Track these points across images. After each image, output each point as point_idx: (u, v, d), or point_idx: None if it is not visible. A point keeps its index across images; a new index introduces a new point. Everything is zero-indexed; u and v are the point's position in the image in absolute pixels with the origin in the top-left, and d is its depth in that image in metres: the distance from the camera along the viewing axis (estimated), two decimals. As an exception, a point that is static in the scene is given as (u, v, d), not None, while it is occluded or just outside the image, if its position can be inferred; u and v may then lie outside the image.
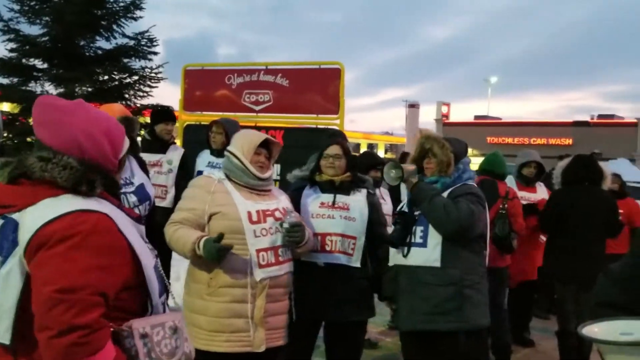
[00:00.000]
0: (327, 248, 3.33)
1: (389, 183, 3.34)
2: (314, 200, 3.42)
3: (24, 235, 1.58)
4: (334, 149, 3.51)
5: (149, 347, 1.64)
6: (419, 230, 3.21)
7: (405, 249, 3.24)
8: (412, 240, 3.22)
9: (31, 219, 1.59)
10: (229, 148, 3.15)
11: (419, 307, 3.17)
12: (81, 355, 1.50)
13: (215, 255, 2.77)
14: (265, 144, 3.12)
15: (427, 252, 3.16)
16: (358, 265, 3.38)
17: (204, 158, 5.34)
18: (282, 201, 3.18)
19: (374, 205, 3.51)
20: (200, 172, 5.10)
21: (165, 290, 1.85)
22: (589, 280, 2.13)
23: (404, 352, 3.45)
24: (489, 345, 4.89)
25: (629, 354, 1.33)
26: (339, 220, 3.37)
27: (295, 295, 3.18)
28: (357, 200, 3.45)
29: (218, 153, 5.17)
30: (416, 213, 3.27)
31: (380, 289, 3.53)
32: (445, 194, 3.21)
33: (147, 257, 1.75)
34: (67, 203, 1.61)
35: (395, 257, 3.31)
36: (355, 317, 3.46)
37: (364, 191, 3.51)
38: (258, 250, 2.94)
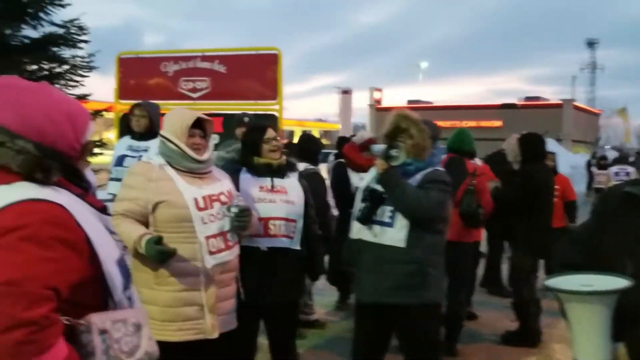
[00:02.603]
0: (271, 232, 3.33)
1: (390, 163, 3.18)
2: (253, 185, 3.38)
3: None
4: (272, 133, 3.46)
5: (107, 344, 1.54)
6: (387, 210, 3.22)
7: (373, 226, 3.25)
8: (380, 219, 3.23)
9: None
10: (161, 132, 3.02)
11: (383, 282, 3.21)
12: (29, 354, 1.38)
13: (157, 258, 2.73)
14: (197, 124, 2.98)
15: (393, 232, 3.19)
16: (299, 247, 3.42)
17: (124, 142, 4.98)
18: (225, 184, 3.10)
19: (306, 188, 3.56)
20: (120, 157, 4.86)
21: (129, 283, 1.75)
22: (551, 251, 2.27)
23: (358, 323, 3.48)
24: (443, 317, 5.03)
25: (589, 302, 1.51)
26: (280, 204, 3.37)
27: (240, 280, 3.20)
28: (293, 184, 3.47)
29: (140, 136, 4.87)
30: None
31: (313, 269, 3.65)
32: (417, 177, 3.24)
33: (110, 250, 1.65)
34: (20, 191, 1.51)
35: (360, 232, 3.30)
36: (294, 296, 3.56)
37: (296, 174, 3.55)
38: (207, 237, 2.88)
